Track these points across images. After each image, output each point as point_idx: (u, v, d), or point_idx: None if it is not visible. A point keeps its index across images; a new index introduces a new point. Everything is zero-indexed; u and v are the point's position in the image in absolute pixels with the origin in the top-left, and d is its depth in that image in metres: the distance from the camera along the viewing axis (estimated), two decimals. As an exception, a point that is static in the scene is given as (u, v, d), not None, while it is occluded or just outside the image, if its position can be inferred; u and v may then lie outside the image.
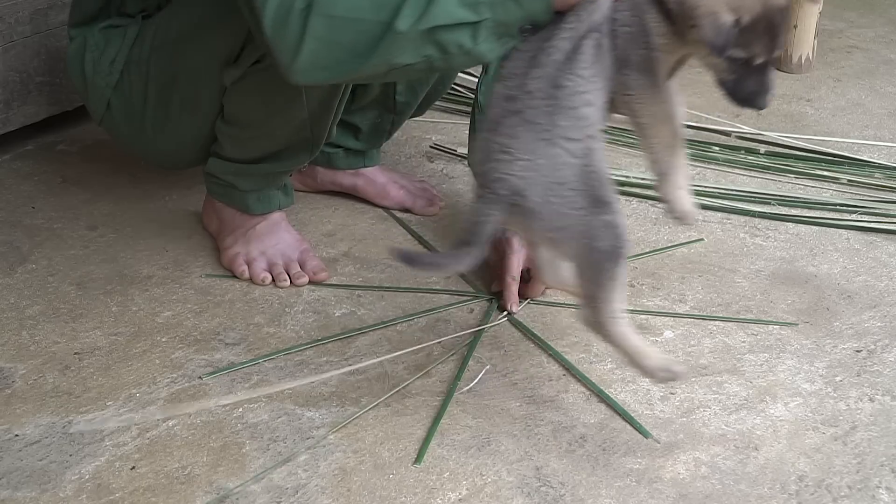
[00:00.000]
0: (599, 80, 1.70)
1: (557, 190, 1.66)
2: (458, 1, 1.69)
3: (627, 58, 1.71)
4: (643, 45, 1.71)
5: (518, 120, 1.68)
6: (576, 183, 1.66)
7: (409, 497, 1.73)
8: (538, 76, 1.68)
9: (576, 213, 1.67)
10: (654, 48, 1.72)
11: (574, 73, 1.68)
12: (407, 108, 2.42)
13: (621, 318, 1.73)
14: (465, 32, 1.70)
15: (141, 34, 2.17)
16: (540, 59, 1.68)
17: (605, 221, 1.67)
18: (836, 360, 2.05)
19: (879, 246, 2.41)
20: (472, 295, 2.22)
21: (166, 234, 2.39)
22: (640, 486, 1.76)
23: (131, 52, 2.17)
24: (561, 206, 1.66)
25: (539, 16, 1.71)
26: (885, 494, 1.75)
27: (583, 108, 1.69)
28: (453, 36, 1.70)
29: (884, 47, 3.47)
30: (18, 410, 1.89)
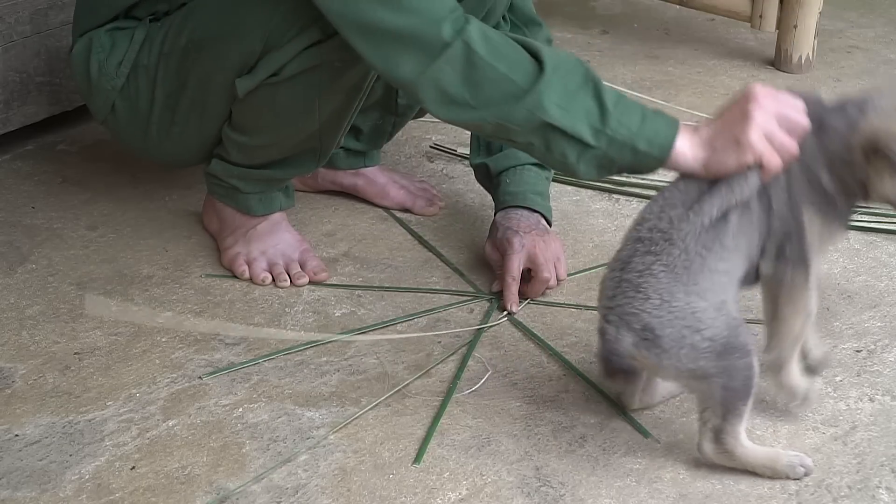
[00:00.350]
0: (741, 254, 1.72)
1: (692, 335, 1.66)
2: (587, 116, 1.71)
3: (783, 244, 1.73)
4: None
5: (654, 261, 1.69)
6: (711, 331, 1.67)
7: (409, 497, 1.73)
8: (683, 231, 1.68)
9: (710, 356, 1.67)
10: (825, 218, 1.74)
11: (719, 240, 1.70)
12: (409, 111, 2.42)
13: (743, 439, 1.74)
14: (575, 147, 1.73)
15: (149, 38, 2.15)
16: (685, 215, 1.69)
17: (741, 364, 1.68)
18: (836, 360, 2.05)
19: (879, 246, 2.41)
20: (472, 295, 2.22)
21: (166, 234, 2.38)
22: (640, 486, 1.76)
23: (139, 56, 2.16)
24: (694, 349, 1.66)
25: (645, 171, 1.76)
26: (885, 494, 1.75)
27: (721, 276, 1.70)
28: (563, 143, 1.74)
29: (884, 47, 3.47)
30: (18, 410, 1.89)
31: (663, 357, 1.67)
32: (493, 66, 1.74)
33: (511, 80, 1.74)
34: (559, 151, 1.75)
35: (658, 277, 1.68)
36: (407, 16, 1.76)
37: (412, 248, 2.38)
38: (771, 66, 3.29)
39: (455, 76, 1.76)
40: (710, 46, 3.42)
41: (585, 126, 1.72)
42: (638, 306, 1.68)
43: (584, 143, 1.73)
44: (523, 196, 2.24)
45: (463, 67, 1.75)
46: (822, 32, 3.28)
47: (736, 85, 3.18)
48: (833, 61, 3.34)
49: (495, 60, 1.74)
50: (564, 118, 1.71)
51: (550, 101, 1.72)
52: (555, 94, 1.72)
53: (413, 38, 1.76)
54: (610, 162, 1.76)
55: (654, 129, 1.74)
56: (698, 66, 3.29)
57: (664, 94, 3.08)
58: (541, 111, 1.72)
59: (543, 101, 1.72)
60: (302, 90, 2.04)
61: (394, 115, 2.42)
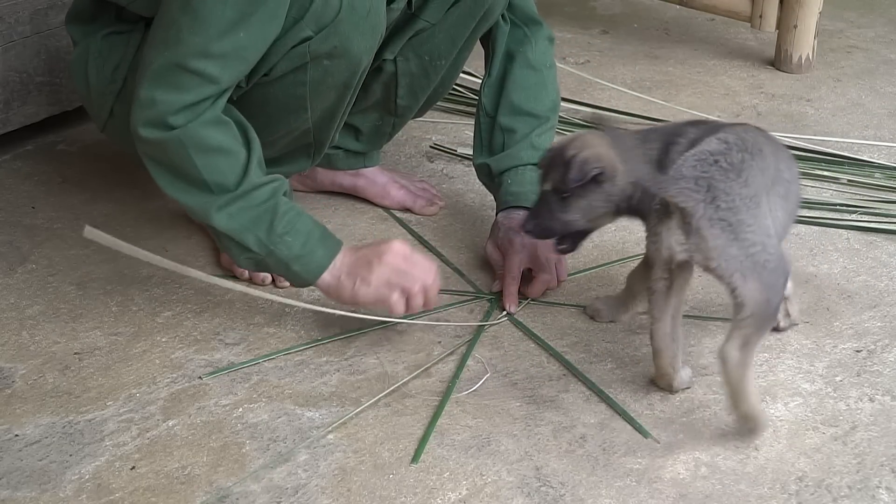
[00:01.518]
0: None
1: (768, 243, 1.82)
2: (256, 230, 1.95)
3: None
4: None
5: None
6: (776, 251, 1.83)
7: (409, 497, 1.73)
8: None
9: (775, 271, 1.81)
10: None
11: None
12: (408, 112, 2.42)
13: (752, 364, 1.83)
14: (239, 248, 1.98)
15: (145, 41, 2.15)
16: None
17: (782, 292, 1.85)
18: (836, 360, 2.05)
19: (879, 246, 2.41)
20: (472, 295, 2.22)
21: (166, 234, 2.38)
22: (640, 486, 1.76)
23: (135, 60, 2.16)
24: (769, 256, 1.81)
25: (299, 286, 2.06)
26: (885, 494, 1.75)
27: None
28: (229, 243, 1.98)
29: (884, 47, 3.47)
30: (18, 410, 1.89)
31: (735, 246, 1.80)
32: (195, 164, 1.93)
33: (204, 183, 1.94)
34: (225, 245, 2.01)
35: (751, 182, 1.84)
36: (163, 91, 1.91)
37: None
38: (771, 66, 3.29)
39: (165, 155, 1.95)
40: (710, 46, 3.42)
41: (252, 237, 1.95)
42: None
43: (247, 248, 1.97)
44: (525, 196, 2.24)
45: (174, 151, 1.93)
46: (822, 32, 3.28)
47: (736, 85, 3.18)
48: (833, 61, 3.34)
49: (199, 159, 1.93)
50: (231, 228, 1.95)
51: (223, 213, 1.95)
52: (234, 207, 1.95)
53: (154, 107, 1.92)
54: (267, 267, 2.02)
55: (311, 259, 1.98)
56: (698, 66, 3.29)
57: (664, 94, 3.08)
58: (210, 219, 1.96)
59: (213, 213, 1.95)
60: (293, 88, 2.05)
61: (393, 116, 2.42)
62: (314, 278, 2.00)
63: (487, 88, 2.33)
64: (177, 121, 1.91)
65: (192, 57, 1.89)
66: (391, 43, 2.24)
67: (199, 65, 1.89)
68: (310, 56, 2.01)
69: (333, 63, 2.03)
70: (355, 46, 2.02)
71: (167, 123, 1.91)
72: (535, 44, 2.33)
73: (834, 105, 3.09)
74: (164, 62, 1.91)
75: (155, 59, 1.92)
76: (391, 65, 2.29)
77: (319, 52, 2.01)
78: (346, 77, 2.07)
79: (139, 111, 1.93)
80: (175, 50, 1.90)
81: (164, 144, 1.93)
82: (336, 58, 2.02)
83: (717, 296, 2.23)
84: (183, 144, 1.92)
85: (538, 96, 2.31)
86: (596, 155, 1.92)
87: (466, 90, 2.96)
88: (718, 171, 1.81)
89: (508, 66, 2.32)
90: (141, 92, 1.93)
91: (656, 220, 1.83)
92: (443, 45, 2.28)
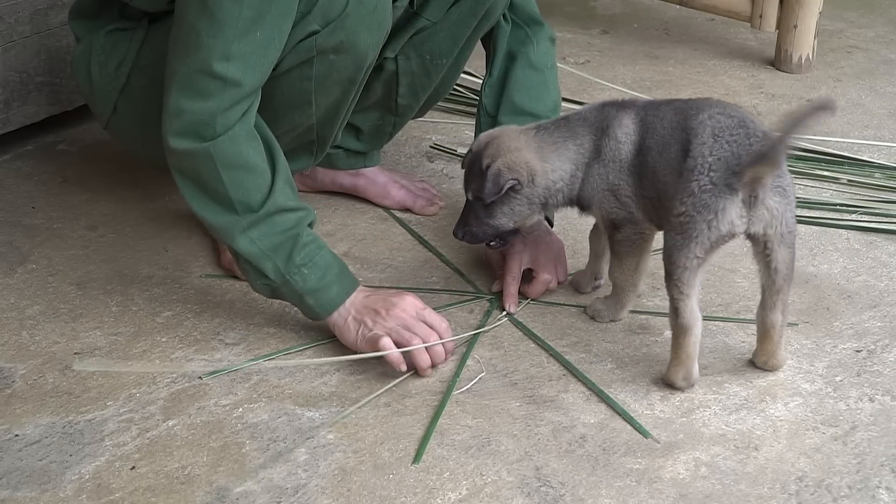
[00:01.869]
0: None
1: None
2: (275, 258, 1.96)
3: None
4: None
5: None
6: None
7: (409, 497, 1.73)
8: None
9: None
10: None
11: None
12: (408, 111, 2.42)
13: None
14: (257, 274, 1.98)
15: (148, 38, 2.16)
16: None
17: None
18: (836, 360, 2.05)
19: (879, 246, 2.41)
20: (472, 295, 2.22)
21: (166, 234, 2.39)
22: (640, 486, 1.76)
23: (139, 57, 2.16)
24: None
25: (311, 318, 2.02)
26: (885, 494, 1.75)
27: None
28: (248, 267, 1.98)
29: (884, 47, 3.47)
30: (18, 410, 1.89)
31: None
32: (221, 180, 1.93)
33: (229, 200, 1.94)
34: (242, 267, 2.01)
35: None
36: (189, 99, 1.92)
37: (412, 248, 2.38)
38: (771, 66, 3.29)
39: (193, 168, 1.95)
40: (710, 46, 3.42)
41: (270, 263, 1.96)
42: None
43: (264, 274, 1.98)
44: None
45: (202, 165, 1.93)
46: (822, 32, 3.28)
47: (736, 85, 3.18)
48: (833, 61, 3.34)
49: (226, 174, 1.93)
50: (252, 252, 1.96)
51: (245, 237, 1.95)
52: (256, 231, 1.95)
53: (182, 116, 1.92)
54: (281, 296, 2.01)
55: (325, 294, 1.98)
56: (698, 66, 3.29)
57: (664, 94, 3.07)
58: (232, 241, 1.96)
59: (236, 235, 1.95)
60: (298, 83, 2.05)
61: (394, 116, 2.42)
62: (325, 314, 1.99)
63: (488, 88, 2.33)
64: (207, 132, 1.91)
65: (214, 60, 1.89)
66: (392, 41, 2.24)
67: (221, 68, 1.89)
68: (316, 50, 2.01)
69: (339, 58, 2.03)
70: (362, 41, 2.03)
71: (198, 133, 1.91)
72: (537, 44, 2.33)
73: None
74: (188, 70, 1.91)
75: (178, 68, 1.92)
76: (392, 63, 2.29)
77: (326, 47, 2.01)
78: (352, 72, 2.07)
79: (169, 122, 1.94)
80: (196, 55, 1.90)
81: (193, 156, 1.93)
82: (342, 52, 2.02)
83: (717, 296, 2.23)
84: (211, 158, 1.92)
85: (540, 96, 2.31)
86: (509, 164, 1.96)
87: (467, 90, 2.97)
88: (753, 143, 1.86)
89: (510, 66, 2.32)
90: (168, 101, 1.93)
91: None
92: (444, 44, 2.28)
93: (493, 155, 1.98)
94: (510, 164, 1.97)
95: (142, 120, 2.21)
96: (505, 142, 1.99)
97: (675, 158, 1.88)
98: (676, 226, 1.87)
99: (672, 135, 1.90)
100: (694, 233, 1.85)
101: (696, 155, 1.85)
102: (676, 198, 1.86)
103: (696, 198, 1.84)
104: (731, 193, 1.83)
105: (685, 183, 1.85)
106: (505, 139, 2.00)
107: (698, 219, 1.84)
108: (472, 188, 2.02)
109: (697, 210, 1.84)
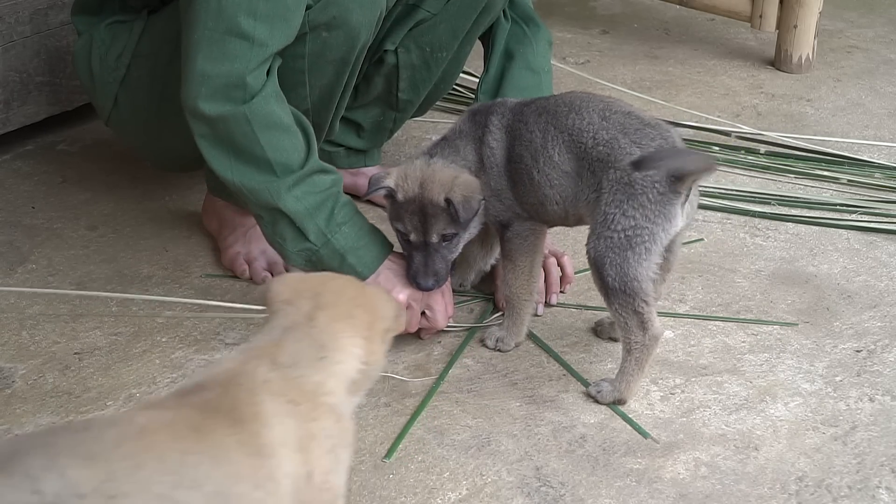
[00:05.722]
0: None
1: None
2: (318, 218, 1.93)
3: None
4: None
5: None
6: None
7: (409, 497, 1.73)
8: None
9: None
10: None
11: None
12: (409, 106, 2.42)
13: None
14: (297, 237, 1.95)
15: (147, 29, 2.16)
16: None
17: None
18: (836, 360, 2.05)
19: (879, 246, 2.41)
20: (472, 295, 2.22)
21: (166, 234, 2.38)
22: (640, 486, 1.76)
23: (138, 47, 2.17)
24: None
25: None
26: (885, 494, 1.75)
27: None
28: (288, 230, 1.94)
29: (884, 47, 3.47)
30: (18, 410, 1.89)
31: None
32: (259, 142, 1.90)
33: (268, 162, 1.91)
34: (281, 234, 1.96)
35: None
36: (213, 63, 1.88)
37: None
38: (771, 66, 3.29)
39: (226, 132, 1.90)
40: (710, 46, 3.42)
41: (312, 224, 1.93)
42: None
43: (305, 237, 1.94)
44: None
45: (238, 128, 1.90)
46: (822, 32, 3.28)
47: (736, 85, 3.18)
48: (833, 61, 3.34)
49: (264, 136, 1.90)
50: (297, 211, 1.92)
51: (291, 195, 1.92)
52: (299, 190, 1.92)
53: (208, 80, 1.88)
54: (319, 260, 1.96)
55: (367, 252, 1.97)
56: (698, 66, 3.29)
57: (664, 94, 3.08)
58: (279, 199, 1.92)
59: (282, 194, 1.91)
60: (292, 62, 2.04)
61: (395, 111, 2.42)
62: (368, 272, 1.97)
63: (485, 85, 2.33)
64: (238, 94, 1.87)
65: (241, 17, 1.86)
66: (392, 33, 2.24)
67: (247, 25, 1.86)
68: (308, 26, 2.00)
69: (332, 35, 2.02)
70: (354, 17, 2.02)
71: (230, 96, 1.88)
72: (536, 45, 2.33)
73: (834, 105, 3.09)
74: (209, 33, 1.87)
75: (197, 34, 1.88)
76: (392, 56, 2.29)
77: (318, 22, 2.00)
78: (345, 51, 2.06)
79: (194, 88, 1.89)
80: (218, 17, 1.86)
81: (228, 121, 1.89)
82: (335, 28, 2.01)
83: (717, 296, 2.23)
84: (248, 120, 1.89)
85: None
86: (467, 185, 1.94)
87: (467, 90, 2.96)
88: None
89: (507, 64, 2.32)
90: (192, 69, 1.89)
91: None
92: (444, 37, 2.28)
93: (446, 187, 1.94)
94: (469, 186, 1.95)
95: (142, 111, 2.22)
96: (439, 174, 1.96)
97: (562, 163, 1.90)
98: (620, 242, 1.83)
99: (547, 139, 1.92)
100: (648, 243, 1.83)
101: (618, 165, 1.84)
102: (609, 212, 1.84)
103: (646, 209, 1.82)
104: (677, 198, 1.82)
105: (628, 196, 1.82)
106: (436, 173, 1.96)
107: (654, 229, 1.82)
108: (437, 229, 1.95)
109: (651, 220, 1.82)
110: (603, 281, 1.85)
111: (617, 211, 1.82)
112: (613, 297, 1.84)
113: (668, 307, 2.18)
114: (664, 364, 2.01)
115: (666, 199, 1.81)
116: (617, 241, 1.82)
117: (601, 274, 1.84)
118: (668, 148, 1.85)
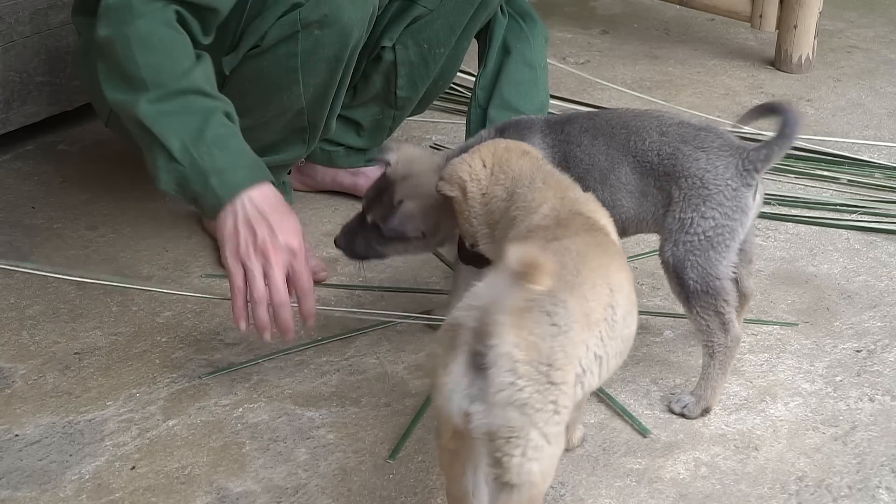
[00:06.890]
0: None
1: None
2: (183, 134, 1.82)
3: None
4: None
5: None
6: None
7: (409, 497, 1.73)
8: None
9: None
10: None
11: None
12: (408, 104, 2.42)
13: None
14: (164, 156, 1.84)
15: None
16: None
17: None
18: (836, 360, 2.05)
19: (879, 246, 2.41)
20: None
21: (166, 234, 2.38)
22: (640, 486, 1.76)
23: None
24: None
25: (208, 211, 1.85)
26: (885, 494, 1.75)
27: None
28: (156, 148, 1.84)
29: (884, 47, 3.47)
30: (18, 410, 1.89)
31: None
32: (136, 61, 1.83)
33: (141, 80, 1.83)
34: (153, 156, 1.85)
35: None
36: None
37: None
38: (771, 66, 3.29)
39: (112, 55, 1.85)
40: (710, 46, 3.42)
41: (178, 141, 1.82)
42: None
43: (171, 155, 1.83)
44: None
45: (120, 50, 1.84)
46: (822, 32, 3.28)
47: (736, 85, 3.18)
48: (833, 61, 3.34)
49: (141, 55, 1.83)
50: (155, 120, 1.82)
51: (151, 106, 1.82)
52: (166, 105, 1.82)
53: (109, 9, 1.86)
54: (186, 182, 1.84)
55: (231, 175, 1.83)
56: (698, 66, 3.29)
57: (664, 94, 3.08)
58: (134, 107, 1.83)
59: (140, 102, 1.82)
60: (285, 61, 2.05)
61: (393, 109, 2.42)
62: (227, 197, 1.83)
63: (482, 80, 2.34)
64: (125, 17, 1.84)
65: None
66: (389, 30, 2.25)
67: None
68: (301, 24, 2.01)
69: (324, 33, 2.03)
70: (346, 15, 2.02)
71: (118, 19, 1.85)
72: (533, 41, 2.34)
73: (834, 105, 3.09)
74: None
75: None
76: (390, 53, 2.29)
77: (310, 20, 2.01)
78: (337, 49, 2.06)
79: (99, 20, 1.88)
80: None
81: (113, 43, 1.85)
82: (327, 26, 2.02)
83: (717, 296, 2.23)
84: (128, 42, 1.84)
85: (528, 94, 2.32)
86: (423, 210, 1.91)
87: (466, 90, 2.96)
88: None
89: (505, 58, 2.33)
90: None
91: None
92: (441, 33, 2.28)
93: (408, 192, 1.93)
94: (424, 211, 1.92)
95: None
96: (427, 180, 1.91)
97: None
98: (701, 243, 1.84)
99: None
100: (729, 240, 1.84)
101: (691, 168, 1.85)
102: (685, 217, 1.85)
103: (724, 207, 1.83)
104: (749, 190, 1.84)
105: (704, 198, 1.83)
106: (420, 176, 1.94)
107: (733, 225, 1.83)
108: (375, 214, 1.96)
109: (730, 217, 1.83)
110: (684, 285, 1.85)
111: (695, 214, 1.83)
112: (695, 301, 1.85)
113: (668, 307, 2.18)
114: (664, 364, 2.01)
115: (739, 193, 1.83)
116: (697, 243, 1.83)
117: (682, 279, 1.85)
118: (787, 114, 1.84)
